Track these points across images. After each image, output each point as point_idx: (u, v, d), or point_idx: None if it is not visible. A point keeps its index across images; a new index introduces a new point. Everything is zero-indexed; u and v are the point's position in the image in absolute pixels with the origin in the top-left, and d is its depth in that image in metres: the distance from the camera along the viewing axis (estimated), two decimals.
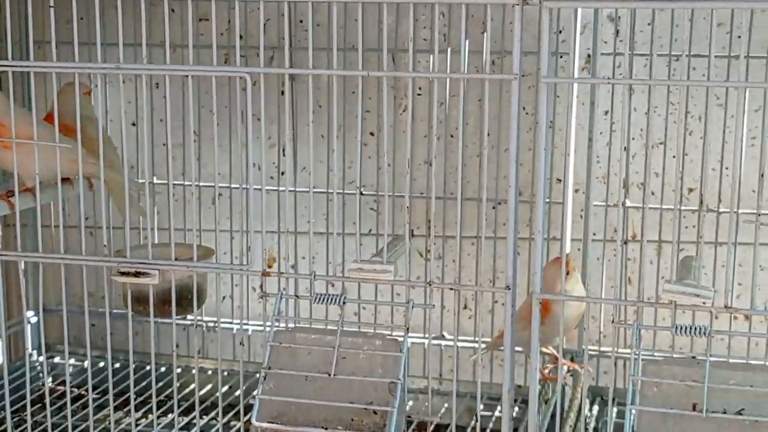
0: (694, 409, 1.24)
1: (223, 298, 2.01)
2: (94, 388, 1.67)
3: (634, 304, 1.31)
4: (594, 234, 1.84)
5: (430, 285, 1.34)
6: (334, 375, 1.31)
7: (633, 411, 1.24)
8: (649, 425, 1.25)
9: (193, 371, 1.79)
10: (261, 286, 1.47)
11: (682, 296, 1.24)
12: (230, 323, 1.98)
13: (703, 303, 1.23)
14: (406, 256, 1.37)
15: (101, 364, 1.88)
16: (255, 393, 1.32)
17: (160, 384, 1.67)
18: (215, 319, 1.95)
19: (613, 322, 1.32)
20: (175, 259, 1.41)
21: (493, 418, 1.77)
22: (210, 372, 1.90)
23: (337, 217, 1.85)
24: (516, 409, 1.77)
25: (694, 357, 1.62)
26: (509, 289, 1.30)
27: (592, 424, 1.73)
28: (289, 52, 1.44)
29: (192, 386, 1.80)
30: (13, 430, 1.62)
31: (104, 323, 1.50)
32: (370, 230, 1.96)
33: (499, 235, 1.87)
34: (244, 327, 1.92)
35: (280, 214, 1.88)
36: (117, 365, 1.81)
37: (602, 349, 1.88)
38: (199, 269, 1.44)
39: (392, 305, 1.77)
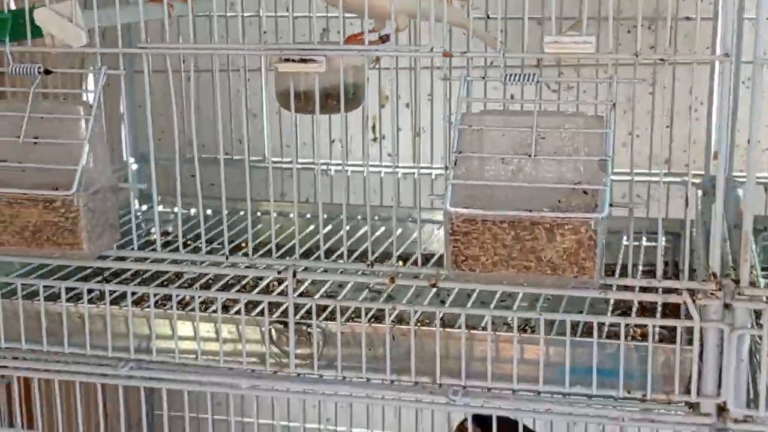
0: None
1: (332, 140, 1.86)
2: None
3: None
4: None
5: (637, 56, 1.22)
6: (535, 156, 1.20)
7: None
8: None
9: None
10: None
11: None
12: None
13: None
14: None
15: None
16: (447, 178, 1.20)
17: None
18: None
19: None
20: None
21: None
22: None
23: None
24: None
25: None
26: (728, 56, 1.19)
27: None
28: None
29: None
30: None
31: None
32: None
33: None
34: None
35: None
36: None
37: None
38: (371, 53, 1.30)
39: (595, 82, 1.61)
